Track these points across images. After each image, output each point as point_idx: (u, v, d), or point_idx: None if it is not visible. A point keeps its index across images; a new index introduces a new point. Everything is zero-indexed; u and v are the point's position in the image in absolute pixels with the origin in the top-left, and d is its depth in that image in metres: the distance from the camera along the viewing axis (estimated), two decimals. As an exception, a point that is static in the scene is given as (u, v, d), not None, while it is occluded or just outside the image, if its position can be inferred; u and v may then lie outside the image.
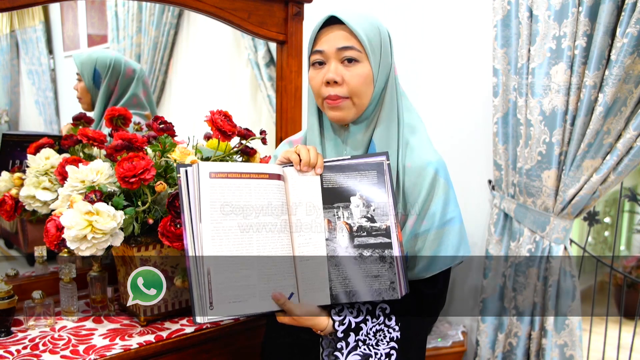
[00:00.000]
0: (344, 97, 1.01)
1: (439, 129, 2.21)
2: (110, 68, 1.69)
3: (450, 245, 1.03)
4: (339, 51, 0.99)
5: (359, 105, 1.02)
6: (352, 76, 1.00)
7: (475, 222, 2.16)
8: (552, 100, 1.68)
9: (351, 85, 1.00)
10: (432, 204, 1.03)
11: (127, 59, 1.78)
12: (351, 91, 1.01)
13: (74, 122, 1.47)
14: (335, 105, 1.01)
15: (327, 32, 1.01)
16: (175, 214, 1.21)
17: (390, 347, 0.99)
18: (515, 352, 1.90)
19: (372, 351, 0.97)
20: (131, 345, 1.24)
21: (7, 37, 1.79)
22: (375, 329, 0.98)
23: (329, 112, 1.04)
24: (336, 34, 1.00)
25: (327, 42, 1.00)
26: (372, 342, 0.98)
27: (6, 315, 1.27)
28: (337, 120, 1.04)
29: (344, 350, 0.96)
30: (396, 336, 0.99)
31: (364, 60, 1.00)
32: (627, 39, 1.47)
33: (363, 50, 1.00)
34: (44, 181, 1.40)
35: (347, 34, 0.99)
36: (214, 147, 1.43)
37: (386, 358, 0.98)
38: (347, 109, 1.02)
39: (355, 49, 0.99)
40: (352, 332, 0.97)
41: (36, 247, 1.53)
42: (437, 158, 1.06)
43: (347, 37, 0.99)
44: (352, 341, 0.96)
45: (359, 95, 1.01)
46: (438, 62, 2.26)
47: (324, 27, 1.01)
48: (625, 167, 1.60)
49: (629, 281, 3.20)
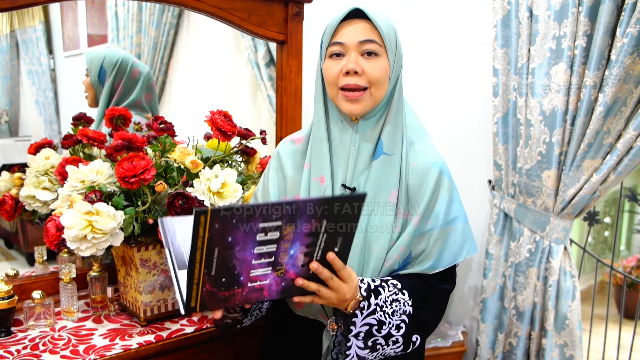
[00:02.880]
0: (363, 89, 1.01)
1: (439, 129, 2.21)
2: (116, 66, 1.69)
3: (455, 243, 1.05)
4: (361, 44, 1.00)
5: (376, 97, 1.03)
6: (372, 67, 1.01)
7: (475, 222, 2.15)
8: (552, 100, 1.68)
9: (371, 75, 1.01)
10: (437, 204, 1.05)
11: (137, 61, 1.78)
12: (370, 81, 1.01)
13: (74, 122, 1.47)
14: (354, 97, 1.02)
15: (348, 25, 1.01)
16: (175, 214, 1.21)
17: (401, 320, 1.00)
18: (515, 352, 1.90)
19: (386, 319, 0.99)
20: (131, 345, 1.24)
21: (7, 37, 1.79)
22: (392, 298, 1.00)
23: (344, 104, 1.03)
24: (358, 26, 1.01)
25: (348, 34, 1.01)
26: (388, 311, 0.99)
27: (6, 315, 1.27)
28: (351, 113, 1.04)
29: (365, 311, 0.97)
30: (409, 310, 1.01)
31: (383, 55, 1.02)
32: (627, 39, 1.47)
33: (383, 45, 1.01)
34: (44, 181, 1.40)
35: (370, 27, 1.00)
36: (214, 147, 1.43)
37: (396, 329, 1.00)
38: (364, 101, 1.02)
39: (377, 42, 1.01)
40: (372, 294, 0.98)
41: (36, 247, 1.53)
42: (440, 159, 1.08)
43: (370, 31, 1.00)
44: (373, 304, 0.97)
45: (378, 86, 1.02)
46: (438, 62, 2.26)
47: (344, 20, 1.02)
48: (625, 167, 1.60)
49: (629, 281, 3.20)
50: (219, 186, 1.25)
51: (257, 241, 0.83)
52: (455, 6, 2.17)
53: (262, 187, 1.18)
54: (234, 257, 0.82)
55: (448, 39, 2.21)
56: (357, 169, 1.06)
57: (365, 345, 0.98)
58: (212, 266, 0.81)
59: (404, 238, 1.03)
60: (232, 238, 0.80)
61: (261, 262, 0.86)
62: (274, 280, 0.89)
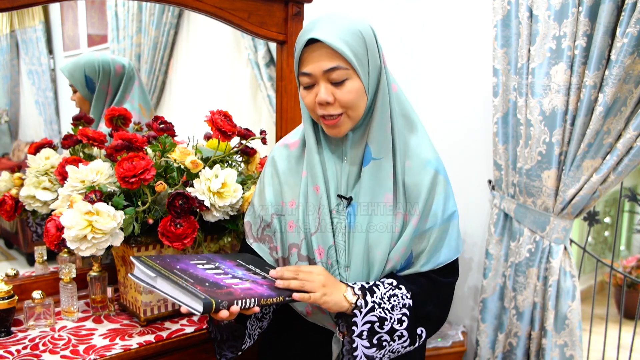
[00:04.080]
0: (339, 114, 1.00)
1: (439, 129, 2.21)
2: (100, 71, 1.68)
3: (452, 239, 1.07)
4: (326, 73, 0.97)
5: (355, 117, 1.02)
6: (342, 94, 0.98)
7: (475, 222, 2.16)
8: (552, 100, 1.68)
9: (343, 101, 0.99)
10: (434, 202, 1.05)
11: (114, 57, 1.78)
12: (344, 106, 0.99)
13: (74, 122, 1.47)
14: (332, 124, 1.01)
15: (310, 52, 0.97)
16: (175, 214, 1.21)
17: (402, 314, 1.01)
18: (515, 352, 1.90)
19: (387, 315, 0.99)
20: (131, 345, 1.24)
21: (7, 37, 1.79)
22: (390, 294, 1.01)
23: (326, 129, 1.04)
24: (320, 53, 0.96)
25: (312, 63, 0.97)
26: (387, 306, 0.99)
27: (6, 315, 1.27)
28: (335, 136, 1.05)
29: (363, 309, 0.97)
30: (409, 303, 1.02)
31: (353, 76, 0.98)
32: (627, 39, 1.47)
33: (350, 66, 0.97)
34: (44, 181, 1.40)
35: (331, 52, 0.95)
36: (214, 147, 1.43)
37: (398, 323, 1.00)
38: (344, 124, 1.02)
39: (342, 67, 0.96)
40: (367, 292, 0.99)
41: (36, 247, 1.53)
42: (435, 156, 1.08)
43: (332, 56, 0.95)
44: (370, 301, 0.98)
45: (353, 108, 1.01)
46: (438, 62, 2.26)
47: (307, 46, 0.98)
48: (625, 167, 1.60)
49: (629, 281, 3.20)
50: (219, 186, 1.25)
51: (199, 268, 0.98)
52: (455, 6, 2.17)
53: (258, 194, 1.16)
54: (196, 273, 0.95)
55: (448, 39, 2.21)
56: (350, 179, 1.07)
57: (370, 343, 0.98)
58: (189, 277, 0.92)
59: (404, 239, 1.03)
60: (179, 266, 0.96)
61: (222, 276, 0.97)
62: (252, 285, 0.96)
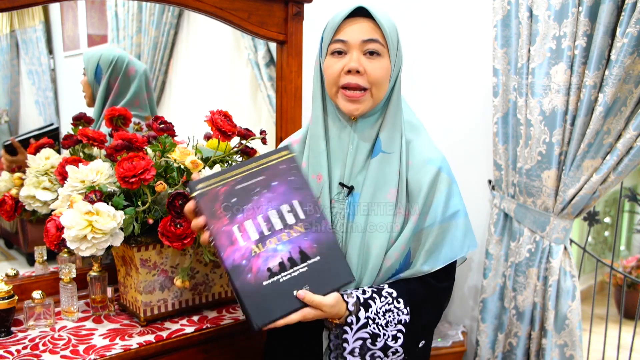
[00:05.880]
0: (364, 89, 1.01)
1: (439, 129, 2.21)
2: (112, 64, 1.69)
3: (455, 239, 1.04)
4: (364, 43, 1.00)
5: (376, 98, 1.03)
6: (374, 68, 1.00)
7: (475, 222, 2.14)
8: (552, 100, 1.68)
9: (373, 76, 1.00)
10: (435, 200, 1.04)
11: (133, 59, 1.78)
12: (372, 82, 1.01)
13: (74, 122, 1.47)
14: (354, 97, 1.01)
15: (351, 23, 1.00)
16: (175, 214, 1.21)
17: (398, 330, 0.99)
18: (515, 352, 1.90)
19: (380, 331, 0.98)
20: (131, 345, 1.24)
21: (7, 37, 1.79)
22: (385, 309, 0.99)
23: (344, 103, 1.03)
24: (362, 25, 1.00)
25: (351, 32, 1.00)
26: (382, 322, 0.98)
27: (6, 315, 1.27)
28: (350, 113, 1.03)
29: (354, 326, 0.96)
30: (405, 319, 1.00)
31: (385, 55, 1.01)
32: (627, 39, 1.47)
33: (386, 45, 1.00)
34: (44, 181, 1.40)
35: (373, 26, 1.00)
36: (214, 147, 1.43)
37: (392, 340, 0.99)
38: (365, 102, 1.02)
39: (380, 42, 1.00)
40: (361, 307, 0.97)
41: (36, 247, 1.53)
42: (438, 155, 1.08)
43: (373, 30, 1.00)
44: (363, 317, 0.96)
45: (379, 86, 1.02)
46: (438, 62, 2.26)
47: (347, 18, 1.01)
48: (625, 167, 1.60)
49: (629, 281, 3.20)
50: (219, 186, 1.25)
51: (269, 211, 0.95)
52: (455, 6, 2.17)
53: None
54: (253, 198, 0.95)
55: (448, 38, 2.21)
56: (355, 168, 1.06)
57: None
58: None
59: (404, 236, 1.03)
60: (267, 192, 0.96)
61: (260, 224, 0.94)
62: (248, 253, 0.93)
